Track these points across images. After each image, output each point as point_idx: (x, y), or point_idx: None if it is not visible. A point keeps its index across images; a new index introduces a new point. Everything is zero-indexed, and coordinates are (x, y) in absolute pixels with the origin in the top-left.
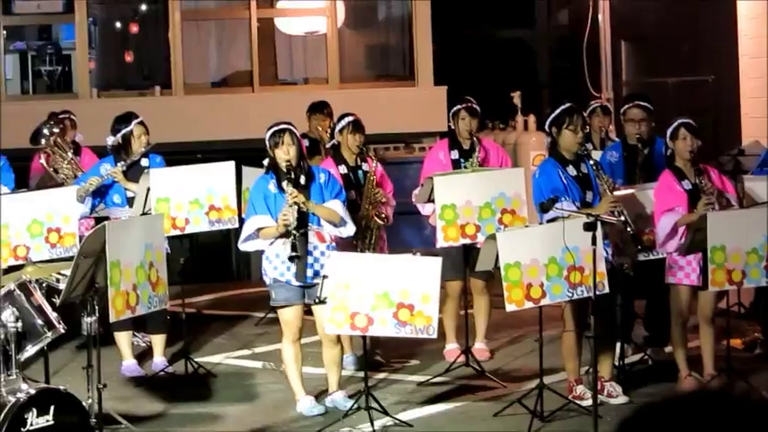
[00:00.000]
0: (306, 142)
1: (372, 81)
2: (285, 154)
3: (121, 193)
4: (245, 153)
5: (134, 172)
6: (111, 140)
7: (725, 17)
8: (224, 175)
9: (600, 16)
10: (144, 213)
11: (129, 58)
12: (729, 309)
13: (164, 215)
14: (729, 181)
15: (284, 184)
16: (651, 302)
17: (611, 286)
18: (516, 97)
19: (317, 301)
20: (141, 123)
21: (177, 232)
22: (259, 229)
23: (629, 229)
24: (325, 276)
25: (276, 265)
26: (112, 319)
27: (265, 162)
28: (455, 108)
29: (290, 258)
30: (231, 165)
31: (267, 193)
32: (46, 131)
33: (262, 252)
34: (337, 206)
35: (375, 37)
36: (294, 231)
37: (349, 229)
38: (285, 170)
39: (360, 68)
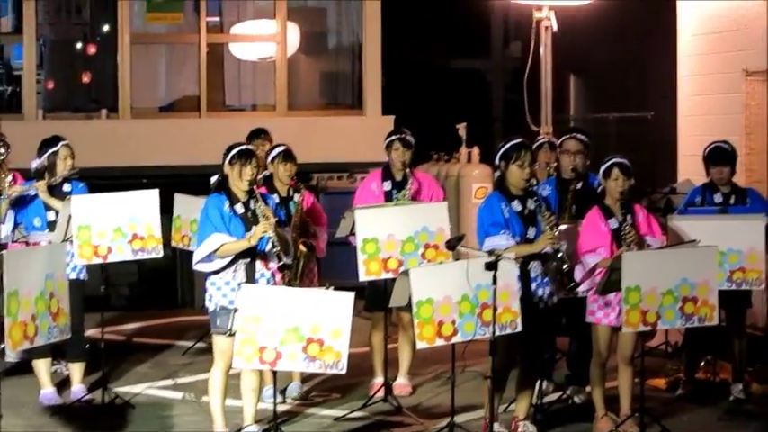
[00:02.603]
0: None
1: (320, 109)
2: (250, 175)
3: (42, 215)
4: (193, 179)
5: (56, 196)
6: (36, 163)
7: (667, 54)
8: (148, 204)
9: (541, 49)
10: (65, 240)
11: (82, 79)
12: (644, 349)
13: (66, 246)
14: (657, 223)
15: (256, 202)
16: (575, 341)
17: (545, 325)
18: (461, 129)
19: (228, 333)
20: (67, 146)
21: (99, 260)
22: (219, 246)
23: (565, 266)
24: (235, 309)
25: (225, 292)
26: (9, 350)
27: (213, 180)
28: (389, 139)
29: (281, 268)
30: (155, 193)
31: (224, 213)
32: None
33: (206, 278)
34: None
35: (325, 65)
36: (276, 245)
37: (289, 259)
38: (248, 190)
39: (309, 96)
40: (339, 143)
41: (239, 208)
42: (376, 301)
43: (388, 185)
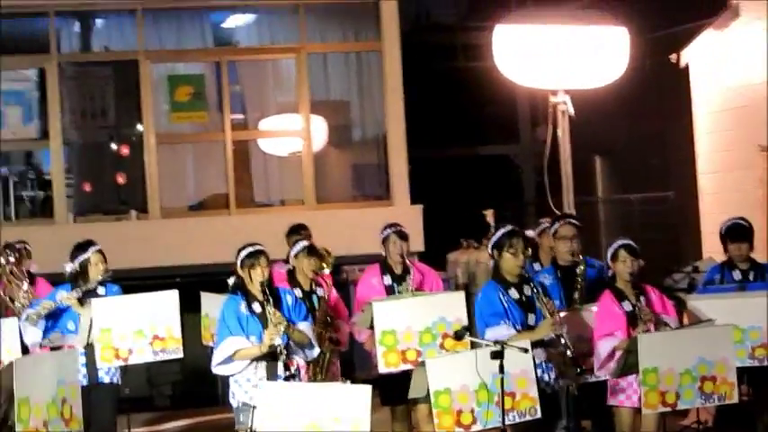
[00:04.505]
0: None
1: (349, 201)
2: (261, 276)
3: (76, 319)
4: (225, 276)
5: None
6: (69, 267)
7: (686, 132)
8: (168, 304)
9: (559, 133)
10: (88, 344)
11: (110, 181)
12: (677, 428)
13: (77, 351)
14: (670, 302)
15: (266, 305)
16: (596, 424)
17: (554, 410)
18: (489, 215)
19: (249, 431)
20: (99, 251)
21: (121, 363)
22: (235, 352)
23: (568, 352)
24: (254, 407)
25: (247, 389)
26: None
27: (231, 281)
28: (384, 233)
29: (287, 378)
30: (174, 293)
31: (240, 315)
32: (2, 260)
33: (229, 376)
34: (308, 329)
35: (352, 156)
36: (284, 350)
37: (315, 352)
38: (261, 291)
39: (337, 188)
40: (368, 234)
41: (256, 307)
42: (393, 394)
43: (388, 280)
